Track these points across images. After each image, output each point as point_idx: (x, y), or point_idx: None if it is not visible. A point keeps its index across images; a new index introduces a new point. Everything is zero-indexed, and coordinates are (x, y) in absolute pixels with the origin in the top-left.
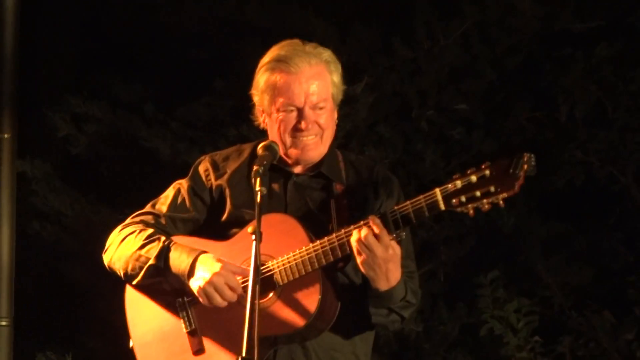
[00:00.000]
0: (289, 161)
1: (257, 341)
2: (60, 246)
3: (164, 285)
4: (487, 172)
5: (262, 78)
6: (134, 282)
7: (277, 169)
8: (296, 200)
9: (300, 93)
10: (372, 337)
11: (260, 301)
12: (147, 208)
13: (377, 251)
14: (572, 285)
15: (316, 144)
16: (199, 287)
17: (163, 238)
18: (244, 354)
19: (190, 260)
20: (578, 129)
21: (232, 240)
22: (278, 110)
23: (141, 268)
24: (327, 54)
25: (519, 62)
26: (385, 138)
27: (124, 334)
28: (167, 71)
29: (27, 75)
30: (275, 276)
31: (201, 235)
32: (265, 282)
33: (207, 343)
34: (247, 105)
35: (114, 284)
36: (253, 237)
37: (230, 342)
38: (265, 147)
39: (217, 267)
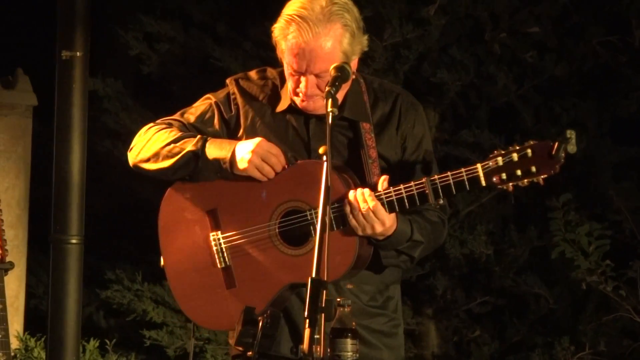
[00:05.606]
0: None
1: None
2: None
3: (198, 177)
4: (529, 151)
5: (277, 26)
6: (165, 166)
7: (297, 110)
8: (319, 139)
9: (302, 63)
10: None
11: (295, 251)
12: (176, 115)
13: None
14: None
15: (318, 104)
16: (248, 160)
17: (198, 135)
18: (313, 275)
19: (233, 147)
20: None
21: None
22: (286, 65)
23: (176, 154)
24: (345, 17)
25: None
26: (457, 60)
27: None
28: None
29: None
30: (312, 226)
31: None
32: (301, 231)
33: (239, 281)
34: None
35: None
36: (324, 157)
37: (261, 283)
38: (338, 68)
39: (256, 140)
